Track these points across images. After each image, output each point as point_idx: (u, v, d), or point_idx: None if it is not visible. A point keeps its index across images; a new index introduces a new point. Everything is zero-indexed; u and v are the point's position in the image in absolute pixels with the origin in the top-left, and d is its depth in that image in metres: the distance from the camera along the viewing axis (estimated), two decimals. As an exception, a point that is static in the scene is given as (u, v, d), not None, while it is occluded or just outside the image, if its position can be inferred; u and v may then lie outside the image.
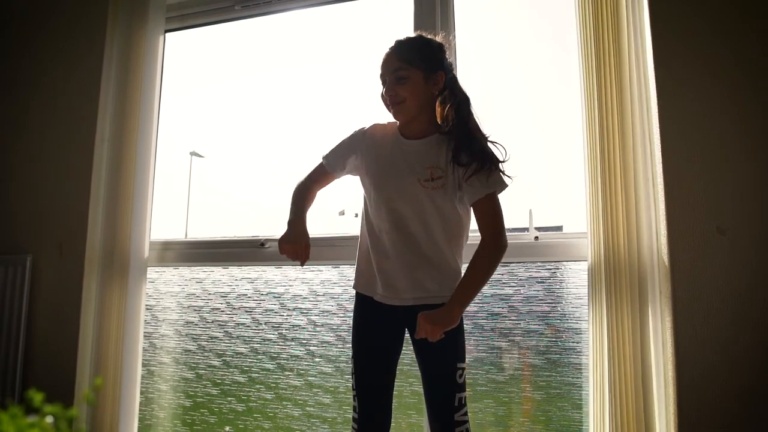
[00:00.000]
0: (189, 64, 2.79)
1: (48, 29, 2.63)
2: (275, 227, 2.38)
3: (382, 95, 1.63)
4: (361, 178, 1.72)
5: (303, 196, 1.73)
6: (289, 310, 2.29)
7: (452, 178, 1.56)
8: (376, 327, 1.65)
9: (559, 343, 1.95)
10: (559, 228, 2.13)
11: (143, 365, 2.37)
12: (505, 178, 1.55)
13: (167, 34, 2.64)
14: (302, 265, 1.64)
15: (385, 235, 1.61)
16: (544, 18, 2.28)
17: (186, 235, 2.69)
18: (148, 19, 2.41)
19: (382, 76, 1.62)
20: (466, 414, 1.52)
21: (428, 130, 1.62)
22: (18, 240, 2.48)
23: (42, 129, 2.55)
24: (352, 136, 1.74)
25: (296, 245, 1.62)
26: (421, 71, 1.57)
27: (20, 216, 2.52)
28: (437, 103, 1.58)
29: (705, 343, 1.62)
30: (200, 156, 2.82)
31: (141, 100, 2.37)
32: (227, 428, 2.29)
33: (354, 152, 1.70)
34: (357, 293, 1.70)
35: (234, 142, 2.74)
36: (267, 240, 2.30)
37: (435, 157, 1.59)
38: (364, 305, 1.67)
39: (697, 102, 1.72)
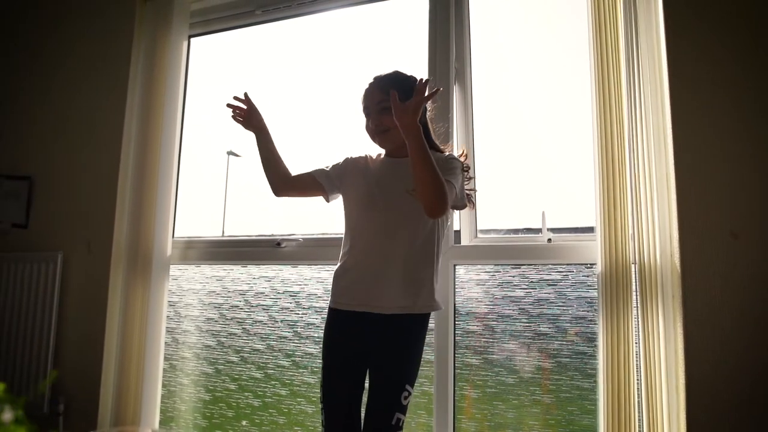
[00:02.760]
0: (222, 66, 2.85)
1: (76, 34, 2.75)
2: (294, 227, 2.43)
3: (366, 127, 1.74)
4: (346, 198, 1.80)
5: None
6: (304, 308, 2.33)
7: None
8: (350, 338, 1.67)
9: (571, 347, 1.92)
10: (590, 229, 2.10)
11: (165, 359, 2.46)
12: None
13: (192, 39, 2.73)
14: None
15: (368, 247, 1.66)
16: (555, 21, 2.25)
17: (223, 233, 2.75)
18: (172, 24, 2.49)
19: (365, 108, 1.74)
20: None
21: None
22: (51, 237, 2.61)
23: (72, 131, 2.67)
24: (344, 160, 1.85)
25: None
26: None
27: (53, 214, 2.64)
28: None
29: (715, 348, 1.58)
30: (237, 155, 2.87)
31: (165, 102, 2.45)
32: (244, 423, 2.34)
33: (345, 172, 1.80)
34: (330, 309, 1.72)
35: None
36: (283, 239, 2.35)
37: None
38: (336, 320, 1.70)
39: (711, 105, 1.68)
